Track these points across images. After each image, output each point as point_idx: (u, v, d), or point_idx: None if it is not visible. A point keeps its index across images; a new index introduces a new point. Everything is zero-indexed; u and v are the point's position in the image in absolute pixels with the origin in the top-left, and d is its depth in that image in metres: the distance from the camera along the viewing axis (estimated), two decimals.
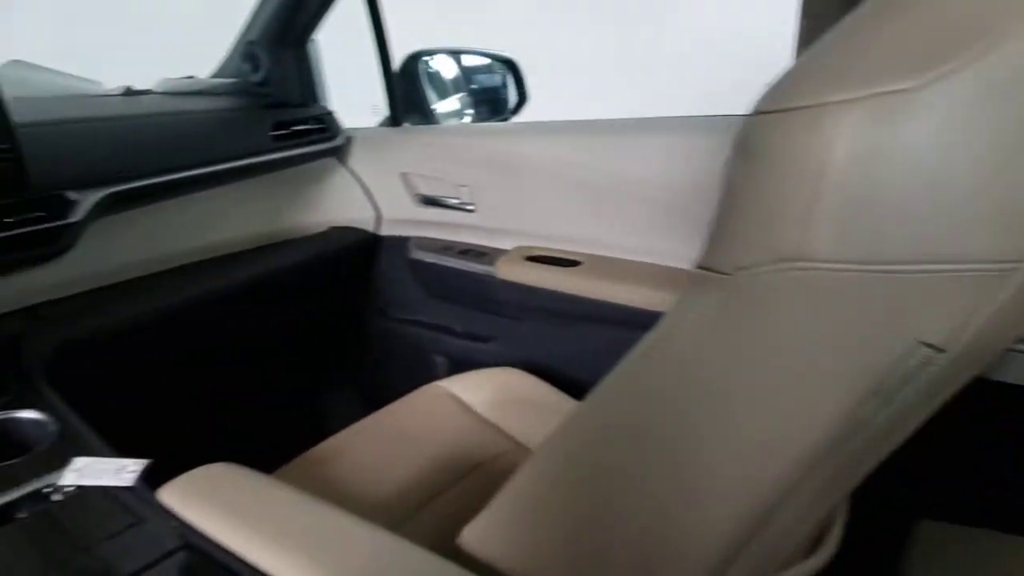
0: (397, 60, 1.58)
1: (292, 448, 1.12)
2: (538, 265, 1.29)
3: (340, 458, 1.08)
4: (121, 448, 0.86)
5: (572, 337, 1.29)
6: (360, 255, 1.56)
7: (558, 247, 1.32)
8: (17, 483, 0.80)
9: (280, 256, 1.42)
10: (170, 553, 0.72)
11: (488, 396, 1.23)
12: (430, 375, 1.54)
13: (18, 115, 0.99)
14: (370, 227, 1.56)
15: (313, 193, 1.53)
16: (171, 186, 1.23)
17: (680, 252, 1.16)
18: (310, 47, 1.58)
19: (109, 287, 1.21)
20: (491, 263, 1.36)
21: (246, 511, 0.70)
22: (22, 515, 0.77)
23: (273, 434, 1.48)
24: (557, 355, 1.31)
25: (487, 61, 1.96)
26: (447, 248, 1.46)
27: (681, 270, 1.16)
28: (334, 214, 1.54)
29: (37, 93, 1.31)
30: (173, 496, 0.72)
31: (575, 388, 1.24)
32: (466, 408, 1.22)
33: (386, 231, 1.56)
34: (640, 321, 1.15)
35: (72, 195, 1.07)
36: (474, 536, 0.64)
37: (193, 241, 1.32)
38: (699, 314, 0.47)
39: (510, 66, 1.68)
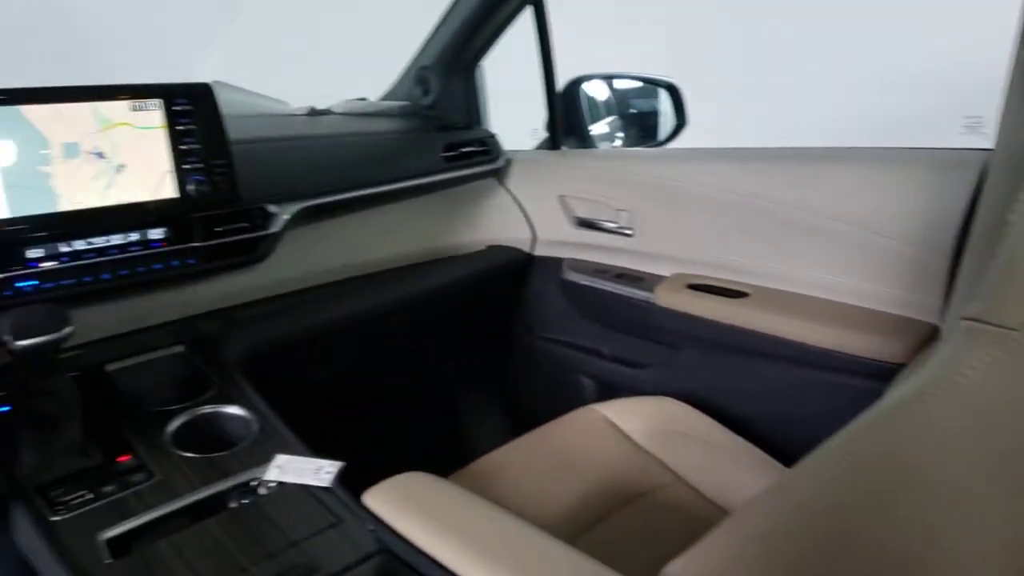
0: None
1: (441, 458, 1.15)
2: (702, 294, 1.27)
3: (502, 474, 1.10)
4: None
5: (736, 370, 1.25)
6: (514, 274, 1.59)
7: (721, 276, 1.29)
8: (227, 474, 0.86)
9: (443, 272, 1.47)
10: (369, 556, 0.75)
11: (646, 425, 1.22)
12: (577, 396, 1.54)
13: None
14: (525, 247, 1.58)
15: (473, 213, 1.58)
16: (355, 202, 1.31)
17: (865, 290, 1.11)
18: (476, 72, 1.63)
19: (291, 294, 1.29)
20: (648, 289, 1.34)
21: (447, 521, 0.72)
22: (233, 504, 0.83)
23: (425, 444, 1.53)
24: (718, 388, 1.28)
25: (639, 85, 1.96)
26: (602, 271, 1.46)
27: (866, 309, 1.11)
28: (492, 233, 1.58)
29: (236, 112, 1.42)
30: (376, 501, 0.75)
31: (737, 423, 1.21)
32: (622, 435, 1.21)
33: (540, 251, 1.58)
34: (814, 359, 1.12)
35: (272, 208, 1.16)
36: (681, 573, 0.62)
37: (367, 254, 1.39)
38: (974, 372, 0.44)
39: (671, 90, 1.66)
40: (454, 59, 1.57)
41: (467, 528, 0.71)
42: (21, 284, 0.93)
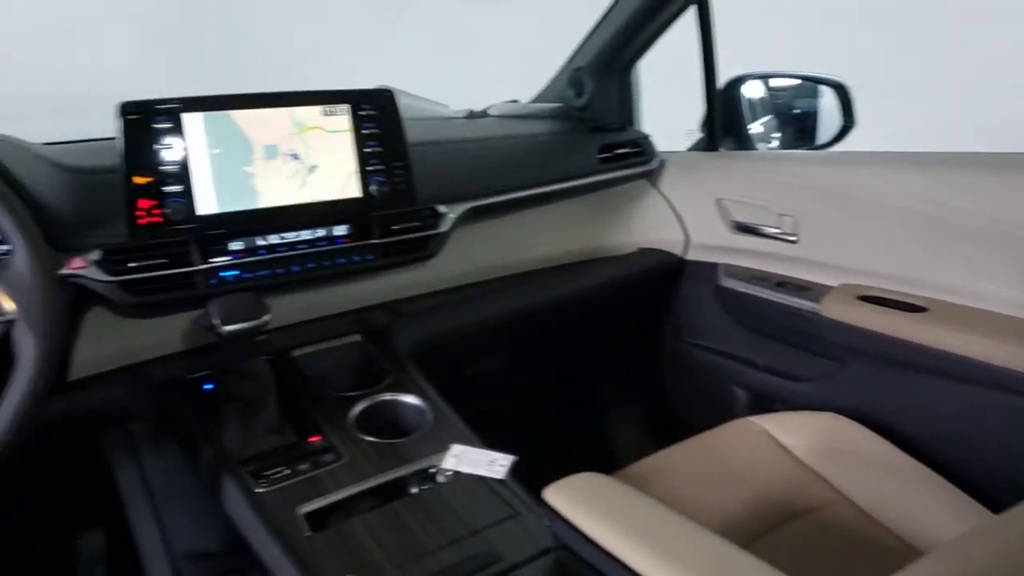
0: None
1: (589, 459, 1.15)
2: (874, 306, 1.20)
3: (661, 479, 1.09)
4: None
5: (910, 389, 1.18)
6: (665, 278, 1.57)
7: (895, 288, 1.22)
8: (407, 461, 0.91)
9: (594, 273, 1.47)
10: (547, 551, 0.77)
11: (809, 441, 1.17)
12: (728, 406, 1.51)
13: None
14: (677, 251, 1.56)
15: (625, 214, 1.57)
16: (515, 203, 1.34)
17: None
18: (632, 72, 1.63)
19: (450, 291, 1.34)
20: (814, 299, 1.29)
21: (630, 522, 0.72)
22: (414, 490, 0.87)
23: (571, 444, 1.54)
24: (888, 406, 1.21)
25: (795, 84, 1.88)
26: (761, 278, 1.41)
27: None
28: (643, 235, 1.57)
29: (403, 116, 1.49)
30: (557, 498, 0.77)
31: (909, 444, 1.14)
32: (784, 450, 1.17)
33: (693, 256, 1.56)
34: (1005, 382, 1.04)
35: (442, 208, 1.20)
36: None
37: (520, 254, 1.42)
38: None
39: (839, 90, 1.59)
40: (611, 60, 1.57)
41: (651, 529, 0.71)
42: (224, 274, 1.02)
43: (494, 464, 0.88)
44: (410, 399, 1.03)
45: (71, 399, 0.82)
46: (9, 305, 0.72)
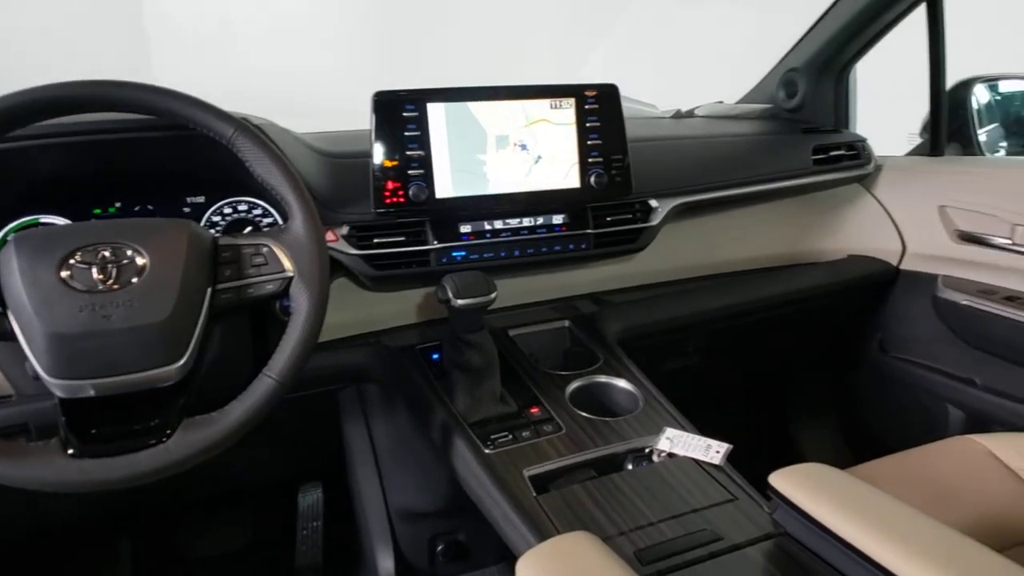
0: None
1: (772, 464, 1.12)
2: None
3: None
4: None
5: None
6: (875, 287, 1.50)
7: None
8: (623, 438, 0.95)
9: (799, 278, 1.44)
10: (769, 536, 0.78)
11: None
12: (938, 425, 1.42)
13: None
14: (891, 259, 1.49)
15: (835, 219, 1.52)
16: (724, 201, 1.34)
17: None
18: (849, 74, 1.57)
19: (652, 286, 1.36)
20: None
21: (862, 512, 0.71)
22: (629, 466, 0.91)
23: (757, 446, 1.51)
24: None
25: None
26: (988, 292, 1.32)
27: None
28: (854, 242, 1.51)
29: None
30: (784, 484, 0.77)
31: None
32: (1011, 472, 1.09)
33: (908, 265, 1.47)
34: None
35: (653, 203, 1.23)
36: None
37: (725, 254, 1.42)
38: None
39: None
40: (828, 61, 1.53)
41: (891, 520, 0.70)
42: (455, 254, 1.11)
43: (710, 449, 0.90)
44: (622, 383, 1.07)
45: (319, 358, 0.91)
46: (288, 265, 0.81)
